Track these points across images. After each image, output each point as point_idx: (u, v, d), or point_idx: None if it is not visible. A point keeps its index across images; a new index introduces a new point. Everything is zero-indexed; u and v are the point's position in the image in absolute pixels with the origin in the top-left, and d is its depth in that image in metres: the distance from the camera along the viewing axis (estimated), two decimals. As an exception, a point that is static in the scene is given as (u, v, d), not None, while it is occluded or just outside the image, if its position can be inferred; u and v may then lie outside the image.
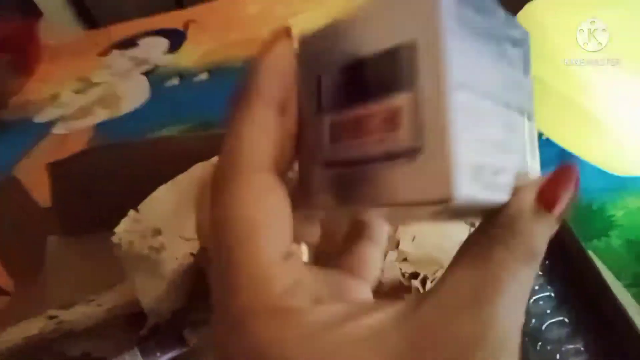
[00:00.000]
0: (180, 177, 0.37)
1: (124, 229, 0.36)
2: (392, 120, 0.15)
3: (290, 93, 0.17)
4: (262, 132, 0.16)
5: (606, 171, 0.49)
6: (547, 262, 0.37)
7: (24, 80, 0.88)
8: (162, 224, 0.36)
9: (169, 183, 0.37)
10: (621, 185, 0.48)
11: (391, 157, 0.15)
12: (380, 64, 0.16)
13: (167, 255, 0.34)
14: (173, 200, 0.37)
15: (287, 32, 0.17)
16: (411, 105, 0.15)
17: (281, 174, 0.17)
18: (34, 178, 0.56)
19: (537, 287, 0.36)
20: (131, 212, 0.37)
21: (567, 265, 0.37)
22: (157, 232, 0.36)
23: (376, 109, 0.16)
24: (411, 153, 0.15)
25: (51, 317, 0.37)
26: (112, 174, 0.43)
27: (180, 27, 0.90)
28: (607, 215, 0.47)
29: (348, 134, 0.16)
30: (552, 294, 0.36)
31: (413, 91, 0.15)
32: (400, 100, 0.15)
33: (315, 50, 0.18)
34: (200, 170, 0.36)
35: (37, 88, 0.86)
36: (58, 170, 0.44)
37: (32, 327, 0.36)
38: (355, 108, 0.16)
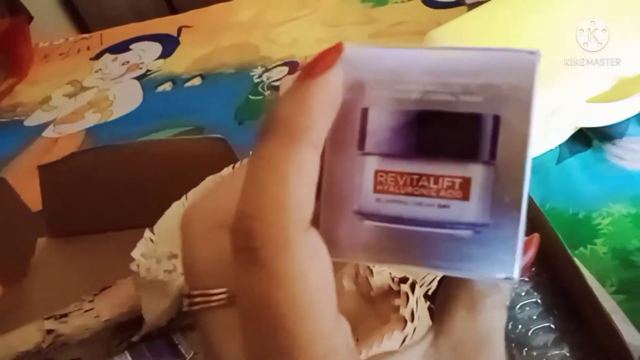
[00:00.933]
0: (192, 193, 0.36)
1: (140, 253, 0.36)
2: (462, 188, 0.15)
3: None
4: (309, 182, 0.14)
5: (592, 182, 0.50)
6: (533, 269, 0.38)
7: (15, 83, 0.88)
8: (178, 247, 0.35)
9: (182, 199, 0.37)
10: (607, 194, 0.49)
11: (453, 226, 0.15)
12: (458, 126, 0.15)
13: (177, 274, 0.34)
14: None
15: (339, 51, 0.15)
16: (486, 180, 0.14)
17: None
18: (24, 181, 0.55)
19: (523, 294, 0.37)
20: (147, 233, 0.37)
21: (553, 272, 0.38)
22: (174, 256, 0.35)
23: (444, 171, 0.15)
24: (477, 227, 0.14)
25: (49, 332, 0.36)
26: (103, 176, 0.43)
27: (173, 32, 0.90)
28: (593, 223, 0.47)
29: (400, 188, 0.15)
30: (539, 300, 0.36)
31: (491, 166, 0.14)
32: (474, 170, 0.15)
33: (362, 74, 0.15)
34: (211, 183, 0.36)
35: (29, 91, 0.86)
36: (48, 173, 0.44)
37: (28, 340, 0.36)
38: (416, 162, 0.15)
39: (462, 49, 0.15)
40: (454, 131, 0.15)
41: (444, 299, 0.17)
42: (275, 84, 0.72)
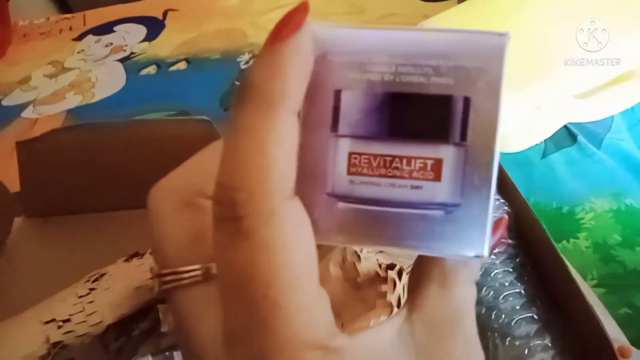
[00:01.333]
0: None
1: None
2: (433, 169, 0.15)
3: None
4: (290, 149, 0.14)
5: (576, 177, 0.51)
6: (517, 260, 0.38)
7: (-7, 62, 0.85)
8: None
9: None
10: (590, 189, 0.49)
11: (425, 206, 0.15)
12: (430, 108, 0.15)
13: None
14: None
15: (305, 10, 0.15)
16: (457, 161, 0.15)
17: None
18: (2, 161, 0.54)
19: (507, 284, 0.37)
20: None
21: (537, 263, 0.38)
22: None
23: (416, 153, 0.15)
24: (448, 207, 0.15)
25: (55, 345, 0.34)
26: (84, 155, 0.41)
27: (158, 15, 0.88)
28: (576, 218, 0.48)
29: (374, 170, 0.15)
30: (522, 291, 0.37)
31: (462, 147, 0.15)
32: (445, 151, 0.15)
33: (334, 55, 0.15)
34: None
35: (7, 70, 0.83)
36: (27, 149, 0.42)
37: (30, 352, 0.34)
38: (389, 144, 0.15)
39: (433, 31, 0.15)
40: (425, 113, 0.15)
41: (416, 276, 0.18)
42: (262, 70, 0.71)
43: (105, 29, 0.87)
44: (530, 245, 0.38)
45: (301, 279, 0.14)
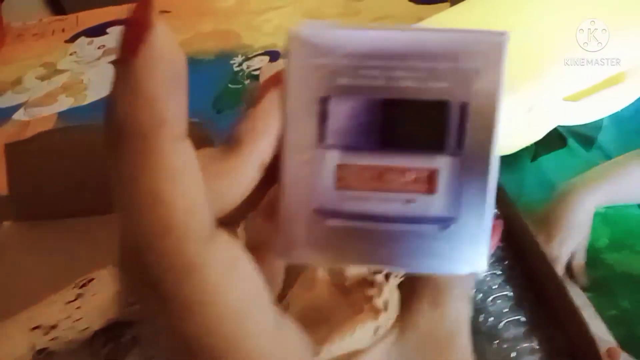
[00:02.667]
0: None
1: None
2: (428, 181, 0.14)
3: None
4: (190, 180, 0.13)
5: (566, 179, 0.51)
6: (506, 262, 0.38)
7: (-15, 63, 0.85)
8: None
9: None
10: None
11: (419, 221, 0.14)
12: (424, 115, 0.14)
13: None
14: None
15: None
16: (453, 172, 0.14)
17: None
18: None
19: (495, 287, 0.37)
20: None
21: (525, 266, 0.38)
22: None
23: (409, 163, 0.14)
24: (444, 221, 0.14)
25: (40, 351, 0.34)
26: (75, 157, 0.41)
27: (151, 17, 0.88)
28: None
29: (364, 183, 0.14)
30: (510, 293, 0.37)
31: (458, 157, 0.14)
32: (440, 161, 0.14)
33: (321, 59, 0.14)
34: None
35: (-1, 72, 0.83)
36: (16, 151, 0.42)
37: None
38: (380, 155, 0.14)
39: (427, 31, 0.14)
40: (419, 120, 0.14)
41: (406, 293, 0.17)
42: (256, 73, 0.71)
43: (97, 30, 0.87)
44: (519, 247, 0.39)
45: (250, 323, 0.13)
